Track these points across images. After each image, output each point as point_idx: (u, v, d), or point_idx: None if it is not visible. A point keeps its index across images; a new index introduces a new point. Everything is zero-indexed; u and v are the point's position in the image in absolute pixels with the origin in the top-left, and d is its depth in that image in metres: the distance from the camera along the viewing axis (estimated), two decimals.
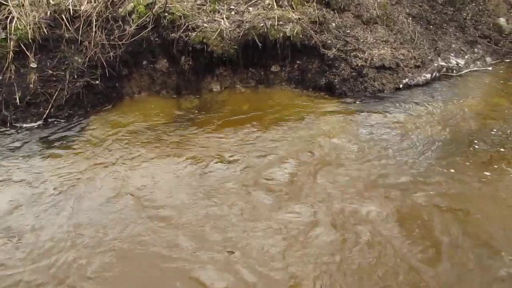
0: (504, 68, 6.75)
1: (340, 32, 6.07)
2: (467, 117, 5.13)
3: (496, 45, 7.20)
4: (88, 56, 5.28)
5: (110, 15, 5.55)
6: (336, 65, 5.79)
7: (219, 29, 5.68)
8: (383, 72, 5.83)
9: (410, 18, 6.66)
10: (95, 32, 5.36)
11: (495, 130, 4.81)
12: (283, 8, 6.05)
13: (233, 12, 6.03)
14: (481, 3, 7.72)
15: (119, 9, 5.67)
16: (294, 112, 5.18)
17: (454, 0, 7.46)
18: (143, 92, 5.78)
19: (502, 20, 7.64)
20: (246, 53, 5.82)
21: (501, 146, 4.48)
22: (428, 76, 6.06)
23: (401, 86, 5.81)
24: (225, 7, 6.08)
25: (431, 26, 6.86)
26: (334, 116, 5.07)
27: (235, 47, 5.69)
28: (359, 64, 5.80)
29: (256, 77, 5.98)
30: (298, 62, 5.92)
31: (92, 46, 5.30)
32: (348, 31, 6.16)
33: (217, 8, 6.05)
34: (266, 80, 5.96)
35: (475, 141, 4.56)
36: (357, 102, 5.47)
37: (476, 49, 6.96)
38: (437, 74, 6.20)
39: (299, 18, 5.92)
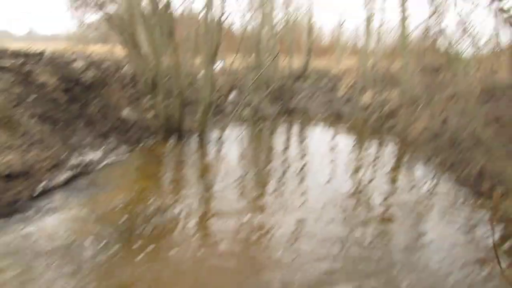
0: (137, 154, 7.27)
1: None
2: (116, 207, 5.08)
3: (126, 134, 7.66)
4: None
5: None
6: None
7: None
8: (15, 181, 5.15)
9: (36, 119, 6.28)
10: None
11: (144, 213, 4.96)
12: None
13: None
14: (105, 98, 8.15)
15: None
16: None
17: (79, 97, 7.58)
18: None
19: (126, 111, 8.27)
20: None
21: (151, 226, 4.61)
22: (67, 175, 5.80)
23: (38, 191, 5.25)
24: None
25: (61, 124, 6.70)
26: None
27: None
28: None
29: None
30: None
31: None
32: None
33: None
34: None
35: (130, 229, 4.54)
36: None
37: (109, 141, 7.23)
38: (76, 171, 6.01)
39: None
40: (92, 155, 6.54)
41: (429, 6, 6.14)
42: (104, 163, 6.60)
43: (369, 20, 15.32)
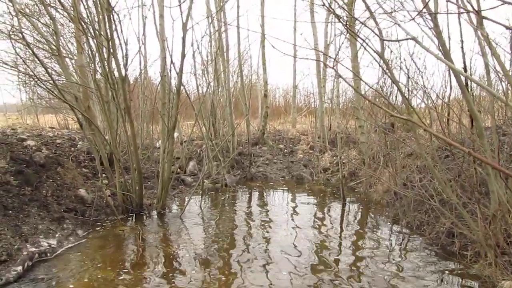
0: (97, 237, 6.80)
1: None
2: None
3: (83, 216, 7.24)
4: None
5: None
6: None
7: None
8: None
9: None
10: None
11: None
12: None
13: None
14: (58, 178, 7.73)
15: None
16: None
17: (31, 180, 7.15)
18: None
19: (82, 191, 7.86)
20: None
21: None
22: (20, 269, 5.25)
23: None
24: None
25: (10, 211, 6.20)
26: None
27: None
28: None
29: None
30: None
31: None
32: None
33: None
34: None
35: None
36: None
37: (65, 225, 6.75)
38: (30, 263, 5.49)
39: None
40: (47, 244, 6.04)
41: (379, 64, 6.34)
42: (61, 250, 6.10)
43: (321, 81, 15.85)
